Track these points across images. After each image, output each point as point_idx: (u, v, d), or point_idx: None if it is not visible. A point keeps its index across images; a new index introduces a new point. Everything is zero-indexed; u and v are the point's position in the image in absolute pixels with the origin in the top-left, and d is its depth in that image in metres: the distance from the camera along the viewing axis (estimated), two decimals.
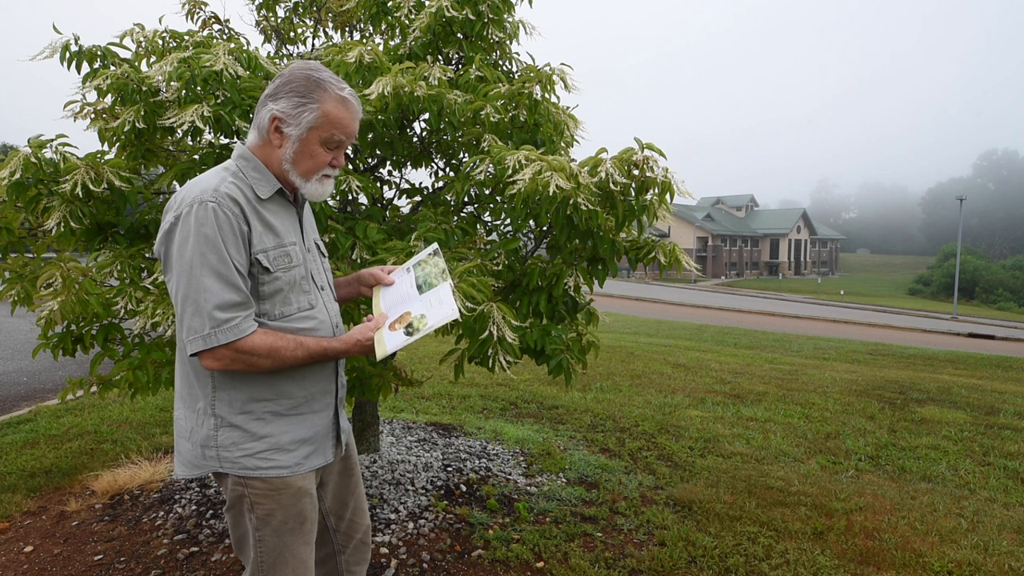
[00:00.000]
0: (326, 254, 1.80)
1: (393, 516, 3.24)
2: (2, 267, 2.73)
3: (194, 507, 3.32)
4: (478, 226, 2.90)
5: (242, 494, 1.55)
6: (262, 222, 1.51)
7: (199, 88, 2.49)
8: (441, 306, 1.62)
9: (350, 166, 3.01)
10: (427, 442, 4.46)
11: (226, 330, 1.42)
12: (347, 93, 1.56)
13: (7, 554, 2.93)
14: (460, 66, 3.24)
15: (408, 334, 1.58)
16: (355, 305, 2.47)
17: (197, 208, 1.42)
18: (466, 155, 2.94)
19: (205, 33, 3.65)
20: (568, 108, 2.99)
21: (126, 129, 2.51)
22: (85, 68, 2.80)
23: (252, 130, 1.58)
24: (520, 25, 3.26)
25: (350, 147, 1.92)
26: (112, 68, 2.68)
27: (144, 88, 2.53)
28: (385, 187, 3.26)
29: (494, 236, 3.03)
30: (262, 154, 1.56)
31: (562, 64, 2.85)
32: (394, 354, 1.77)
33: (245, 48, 2.80)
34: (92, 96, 2.72)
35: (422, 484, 3.64)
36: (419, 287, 1.71)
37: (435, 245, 1.82)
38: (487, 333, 2.16)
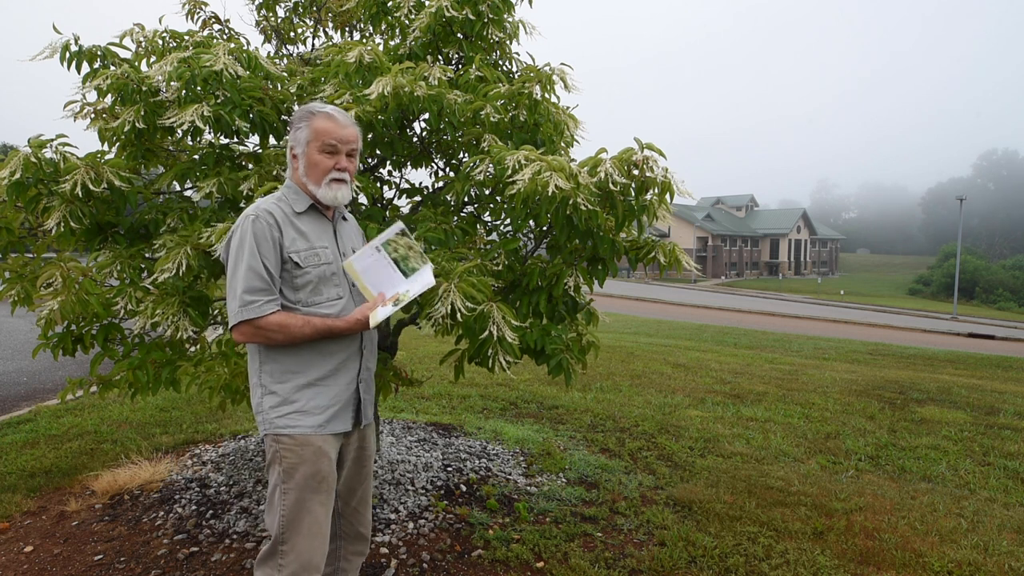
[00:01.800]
0: (345, 269, 2.09)
1: (393, 516, 3.24)
2: (2, 267, 2.73)
3: (194, 507, 3.32)
4: (478, 226, 2.90)
5: (275, 450, 1.90)
6: (295, 230, 1.91)
7: (199, 88, 2.49)
8: (420, 279, 1.94)
9: None
10: (427, 442, 4.46)
11: (250, 309, 1.81)
12: (330, 109, 1.94)
13: (7, 554, 2.93)
14: (460, 66, 3.24)
15: (394, 305, 1.91)
16: None
17: (243, 222, 1.87)
18: (466, 155, 2.93)
19: (205, 33, 3.65)
20: (568, 108, 2.99)
21: (126, 129, 2.51)
22: (85, 68, 2.80)
23: (288, 167, 2.02)
24: (520, 25, 3.26)
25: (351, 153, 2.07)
26: (112, 68, 2.68)
27: (144, 88, 2.53)
28: (385, 187, 3.25)
29: (494, 236, 3.02)
30: (294, 179, 1.98)
31: (562, 64, 2.84)
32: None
33: (245, 48, 2.80)
34: (92, 96, 2.72)
35: (422, 484, 3.64)
36: (402, 271, 1.98)
37: (400, 224, 2.03)
38: (487, 333, 2.16)
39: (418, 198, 3.20)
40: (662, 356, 9.26)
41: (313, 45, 3.97)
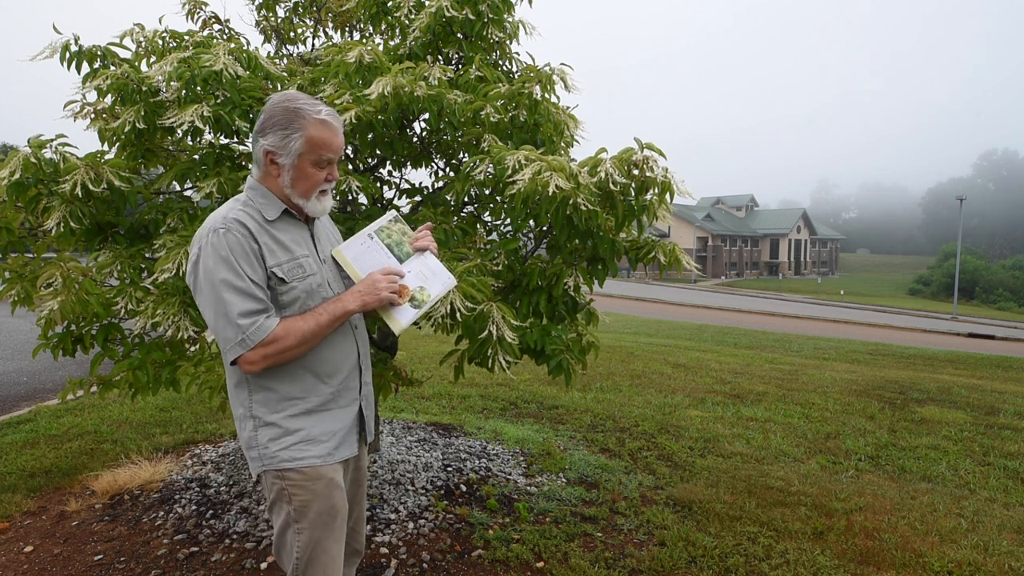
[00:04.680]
0: (335, 258, 1.93)
1: (393, 516, 3.24)
2: (2, 267, 2.73)
3: (194, 507, 3.32)
4: (478, 226, 2.90)
5: (281, 487, 1.69)
6: (273, 239, 1.68)
7: (199, 88, 2.49)
8: (436, 277, 1.81)
9: (350, 166, 3.01)
10: (427, 442, 4.46)
11: (254, 332, 1.58)
12: (324, 114, 1.68)
13: (7, 554, 2.93)
14: (460, 66, 3.24)
15: (415, 307, 1.77)
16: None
17: (212, 236, 1.61)
18: (466, 155, 2.93)
19: (205, 33, 3.65)
20: (568, 108, 2.99)
21: (126, 129, 2.51)
22: (85, 68, 2.80)
23: (253, 165, 1.75)
24: (520, 25, 3.26)
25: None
26: (112, 68, 2.68)
27: (144, 88, 2.53)
28: (385, 187, 3.25)
29: (494, 236, 3.02)
30: (266, 183, 1.72)
31: (562, 64, 2.84)
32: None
33: (245, 48, 2.80)
34: (92, 96, 2.72)
35: (422, 484, 3.64)
36: (397, 256, 1.83)
37: (393, 212, 1.90)
38: (487, 333, 2.16)
39: (418, 198, 3.20)
40: (662, 356, 9.26)
41: (313, 45, 3.97)
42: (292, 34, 3.95)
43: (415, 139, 3.07)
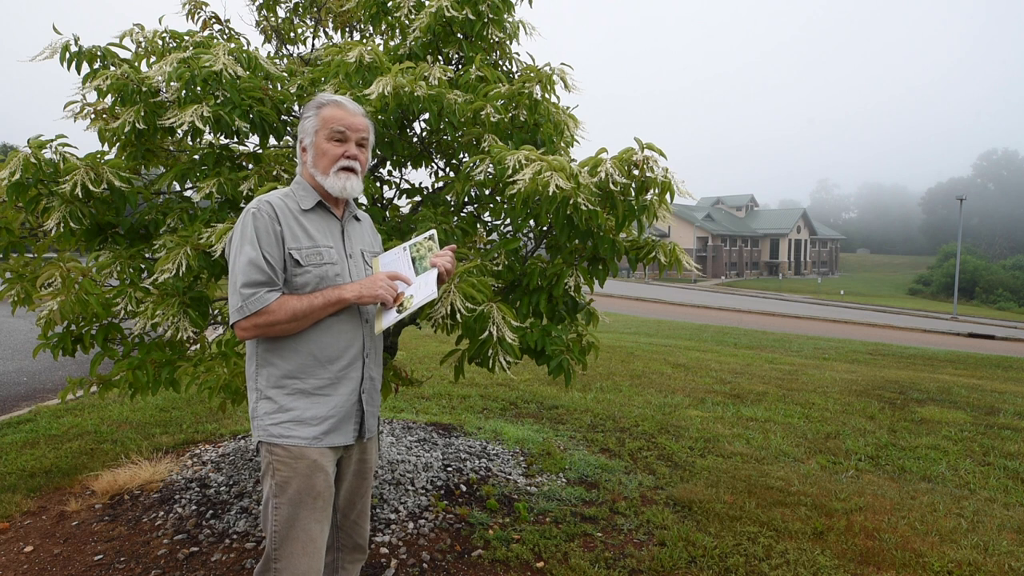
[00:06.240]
0: (372, 264, 2.03)
1: (393, 516, 3.24)
2: (2, 267, 2.73)
3: (194, 507, 3.32)
4: (478, 226, 2.90)
5: (269, 460, 1.80)
6: (299, 226, 1.82)
7: (199, 88, 2.49)
8: (425, 288, 1.88)
9: None
10: (427, 442, 4.46)
11: (252, 302, 1.71)
12: (340, 98, 1.89)
13: (7, 554, 2.93)
14: (460, 66, 3.24)
15: (399, 312, 1.84)
16: None
17: (245, 216, 1.79)
18: (466, 155, 2.93)
19: (205, 33, 3.65)
20: (568, 108, 2.99)
21: (126, 129, 2.51)
22: (85, 68, 2.80)
23: (297, 160, 1.95)
24: (520, 25, 3.26)
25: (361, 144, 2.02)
26: (112, 68, 2.68)
27: (144, 88, 2.53)
28: (385, 187, 3.26)
29: (494, 236, 3.03)
30: (303, 174, 1.92)
31: (562, 64, 2.85)
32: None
33: (245, 48, 2.80)
34: (92, 96, 2.72)
35: (422, 484, 3.64)
36: (415, 270, 1.93)
37: (432, 231, 2.01)
38: (487, 333, 2.16)
39: (418, 198, 3.20)
40: (662, 356, 9.26)
41: (313, 45, 3.97)
42: (292, 34, 3.95)
43: (415, 139, 3.07)
